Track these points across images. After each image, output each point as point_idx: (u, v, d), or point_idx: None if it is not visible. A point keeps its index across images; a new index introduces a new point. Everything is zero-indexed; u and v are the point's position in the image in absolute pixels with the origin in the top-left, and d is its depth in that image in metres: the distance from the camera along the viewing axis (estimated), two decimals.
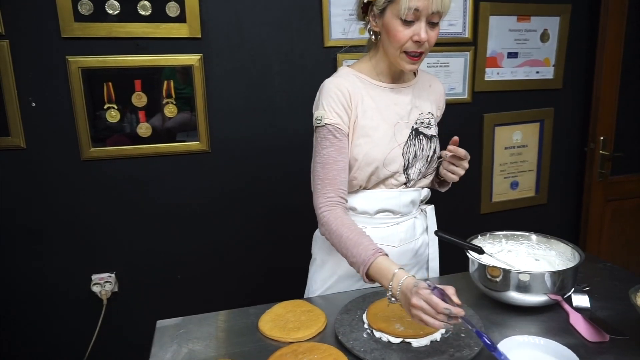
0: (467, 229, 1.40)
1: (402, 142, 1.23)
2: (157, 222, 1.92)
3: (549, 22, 2.27)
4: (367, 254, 1.04)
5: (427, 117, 1.28)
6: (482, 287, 1.14)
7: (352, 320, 1.07)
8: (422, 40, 1.11)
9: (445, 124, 1.41)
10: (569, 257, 1.18)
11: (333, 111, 1.16)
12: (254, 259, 2.07)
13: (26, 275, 1.82)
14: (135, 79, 1.79)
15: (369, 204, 1.25)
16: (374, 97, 1.22)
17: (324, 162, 1.16)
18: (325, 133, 1.17)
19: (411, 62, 1.16)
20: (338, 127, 1.17)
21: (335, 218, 1.13)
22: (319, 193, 1.17)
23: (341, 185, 1.16)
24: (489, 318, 1.09)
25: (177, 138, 1.88)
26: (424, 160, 1.27)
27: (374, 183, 1.24)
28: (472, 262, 1.16)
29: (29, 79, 1.69)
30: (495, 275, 1.08)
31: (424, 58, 1.19)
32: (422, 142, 1.26)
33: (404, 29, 1.11)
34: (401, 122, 1.23)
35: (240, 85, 1.91)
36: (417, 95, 1.28)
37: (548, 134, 2.40)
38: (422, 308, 0.90)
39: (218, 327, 1.11)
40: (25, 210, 1.78)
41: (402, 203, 1.26)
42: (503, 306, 1.13)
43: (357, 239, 1.09)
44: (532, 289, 1.06)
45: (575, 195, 2.54)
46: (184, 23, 1.78)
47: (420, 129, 1.26)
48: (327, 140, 1.16)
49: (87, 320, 1.90)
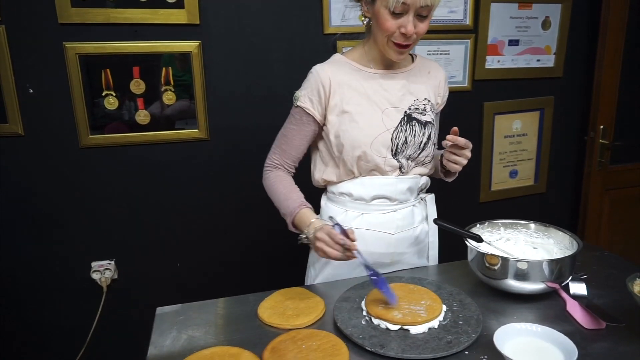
0: (466, 218, 1.40)
1: (391, 127, 1.23)
2: (156, 210, 1.92)
3: (550, 10, 2.24)
4: (294, 206, 1.21)
5: (422, 104, 1.28)
6: (481, 275, 1.14)
7: (351, 308, 1.07)
8: (409, 33, 1.12)
9: (445, 113, 1.41)
10: (567, 246, 1.18)
11: (307, 97, 1.25)
12: (254, 246, 2.08)
13: (26, 263, 1.83)
14: (134, 66, 1.78)
15: (364, 190, 1.27)
16: (362, 83, 1.24)
17: (284, 134, 1.30)
18: (295, 112, 1.28)
19: (398, 51, 1.18)
20: (307, 111, 1.25)
21: (275, 176, 1.30)
22: (270, 154, 1.33)
23: (289, 159, 1.31)
24: (487, 306, 1.10)
25: (176, 126, 1.87)
26: (416, 147, 1.27)
27: (366, 169, 1.25)
28: (471, 251, 1.16)
29: (26, 65, 1.68)
30: (494, 263, 1.09)
31: (412, 48, 1.20)
32: (414, 128, 1.26)
33: (392, 19, 1.12)
34: (391, 107, 1.24)
35: (239, 72, 1.89)
36: (412, 81, 1.28)
37: (548, 122, 2.39)
38: (323, 239, 1.07)
39: (217, 314, 1.11)
40: (24, 198, 1.78)
41: (398, 190, 1.27)
42: (501, 294, 1.13)
43: (288, 193, 1.25)
44: (530, 277, 1.06)
45: (574, 184, 2.54)
46: (183, 9, 1.76)
47: (414, 115, 1.26)
48: (294, 118, 1.28)
49: (87, 308, 1.91)
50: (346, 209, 1.30)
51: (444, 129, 1.35)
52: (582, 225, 2.46)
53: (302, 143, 1.29)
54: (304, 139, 1.29)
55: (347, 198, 1.29)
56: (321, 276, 1.34)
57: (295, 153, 1.30)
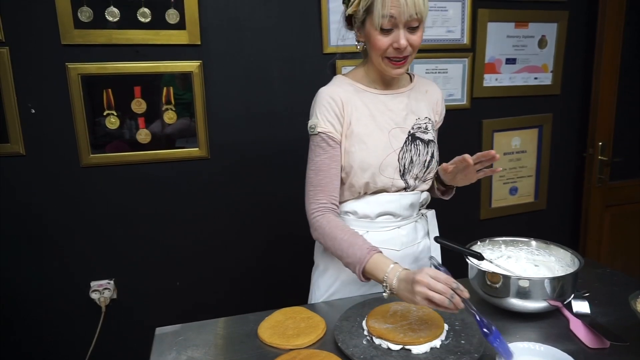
0: (466, 235, 1.40)
1: (397, 148, 1.24)
2: (156, 229, 1.92)
3: (546, 29, 2.28)
4: (363, 253, 1.08)
5: (423, 122, 1.29)
6: (482, 293, 1.14)
7: (352, 327, 1.06)
8: (402, 47, 1.13)
9: (443, 130, 1.41)
10: (569, 263, 1.18)
11: (326, 120, 1.19)
12: (254, 265, 2.07)
13: (25, 282, 1.82)
14: (135, 86, 1.79)
15: (369, 207, 1.26)
16: (367, 104, 1.24)
17: (317, 169, 1.20)
18: (319, 141, 1.20)
19: (395, 67, 1.18)
20: (330, 135, 1.20)
21: (329, 221, 1.17)
22: (311, 199, 1.20)
23: (333, 192, 1.20)
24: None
25: (177, 144, 1.88)
26: (421, 166, 1.27)
27: (372, 191, 1.24)
28: (472, 268, 1.16)
29: (28, 86, 1.70)
30: (495, 281, 1.08)
31: (410, 61, 1.20)
32: (418, 147, 1.26)
33: (383, 37, 1.13)
34: (396, 127, 1.25)
35: (240, 91, 1.91)
36: (413, 100, 1.29)
37: (547, 139, 2.40)
38: (428, 283, 0.91)
39: (217, 334, 1.10)
40: (25, 217, 1.78)
41: (402, 206, 1.27)
42: (503, 312, 1.12)
43: (352, 240, 1.12)
44: (532, 295, 1.05)
45: (574, 201, 2.54)
46: (184, 30, 1.78)
47: (417, 134, 1.27)
48: (320, 148, 1.20)
49: (85, 328, 1.89)
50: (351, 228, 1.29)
51: (443, 147, 1.35)
52: (582, 242, 2.45)
53: (339, 171, 1.21)
54: (339, 165, 1.21)
55: (351, 217, 1.28)
56: (325, 295, 1.32)
57: (337, 183, 1.21)
